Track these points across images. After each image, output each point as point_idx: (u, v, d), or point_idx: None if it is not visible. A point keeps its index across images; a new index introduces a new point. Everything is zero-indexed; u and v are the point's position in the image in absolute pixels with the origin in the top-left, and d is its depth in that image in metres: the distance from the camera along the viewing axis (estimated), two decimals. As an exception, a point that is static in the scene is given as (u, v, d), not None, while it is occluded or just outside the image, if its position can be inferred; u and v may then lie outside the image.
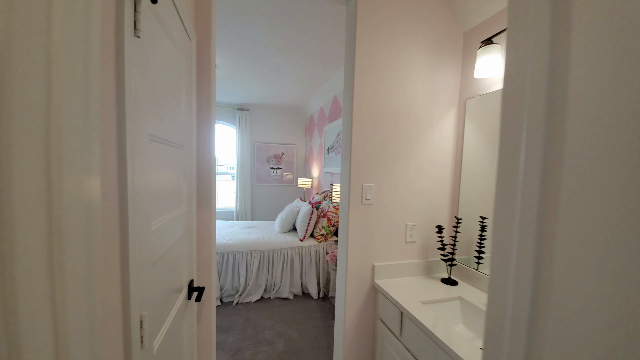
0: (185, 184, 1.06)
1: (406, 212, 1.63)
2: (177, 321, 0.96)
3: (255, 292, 2.89)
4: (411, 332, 1.27)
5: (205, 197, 1.28)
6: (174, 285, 0.94)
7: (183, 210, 1.02)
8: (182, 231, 1.01)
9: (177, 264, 0.98)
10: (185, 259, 1.08)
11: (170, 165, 0.88)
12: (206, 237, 1.29)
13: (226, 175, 5.08)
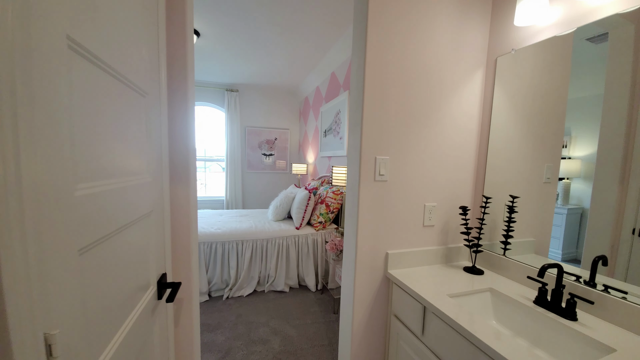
0: (150, 146, 0.78)
1: (424, 191, 1.40)
2: (139, 329, 0.70)
3: (248, 285, 2.65)
4: (438, 331, 1.05)
5: (181, 170, 1.01)
6: (134, 281, 0.68)
7: (146, 181, 0.75)
8: (144, 209, 0.74)
9: (139, 253, 0.71)
10: (153, 247, 0.82)
11: (119, 109, 0.60)
12: (184, 221, 1.02)
13: (215, 161, 4.75)
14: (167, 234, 0.93)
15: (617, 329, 0.91)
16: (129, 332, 0.64)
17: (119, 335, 0.60)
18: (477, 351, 0.88)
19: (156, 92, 0.83)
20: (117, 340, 0.58)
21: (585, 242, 1.07)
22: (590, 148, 1.05)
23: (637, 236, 0.93)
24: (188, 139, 1.01)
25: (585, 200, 1.08)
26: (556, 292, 1.02)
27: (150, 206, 0.78)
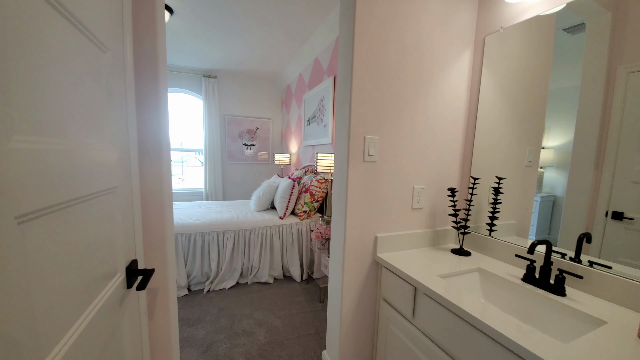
0: (113, 112, 0.68)
1: (413, 173, 1.36)
2: (105, 320, 0.61)
3: (230, 278, 2.55)
4: (429, 312, 1.02)
5: (152, 146, 0.90)
6: (96, 266, 0.58)
7: (107, 151, 0.65)
8: (106, 183, 0.64)
9: (101, 234, 0.61)
10: (120, 229, 0.72)
11: (70, 57, 0.50)
12: (156, 202, 0.92)
13: (193, 151, 4.53)
14: (137, 216, 0.83)
15: (606, 302, 0.93)
16: (92, 323, 0.54)
17: (78, 325, 0.50)
18: (469, 328, 0.86)
19: (119, 51, 0.72)
20: (76, 332, 0.49)
21: (562, 224, 1.09)
22: (564, 138, 1.08)
23: (609, 218, 0.96)
24: (160, 112, 0.90)
25: (557, 188, 1.11)
26: (544, 269, 1.03)
27: (114, 181, 0.68)
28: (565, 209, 1.08)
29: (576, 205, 1.05)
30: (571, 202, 1.06)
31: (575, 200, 1.05)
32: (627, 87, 0.92)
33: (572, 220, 1.06)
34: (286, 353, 1.71)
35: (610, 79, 0.95)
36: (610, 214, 0.96)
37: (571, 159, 1.06)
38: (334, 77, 2.76)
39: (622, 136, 0.93)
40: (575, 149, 1.05)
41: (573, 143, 1.05)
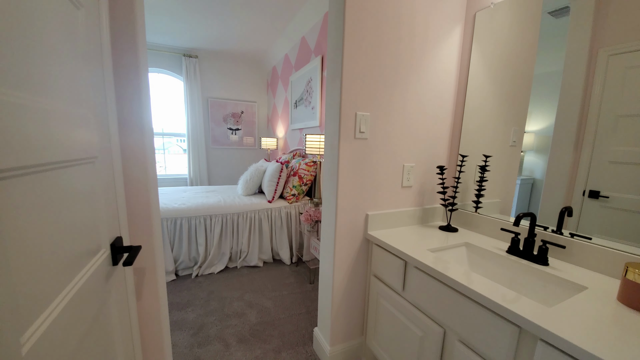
0: (88, 75, 0.62)
1: (404, 151, 1.36)
2: (89, 296, 0.58)
3: (219, 262, 2.52)
4: (419, 284, 1.05)
5: (132, 115, 0.84)
6: (77, 240, 0.55)
7: (84, 114, 0.60)
8: (84, 151, 0.59)
9: (82, 207, 0.57)
10: (103, 204, 0.67)
11: (38, 5, 0.44)
12: (140, 177, 0.87)
13: (175, 136, 4.35)
14: (120, 191, 0.78)
15: (586, 270, 0.98)
16: (76, 298, 0.51)
17: (62, 299, 0.47)
18: (458, 296, 0.88)
19: (94, 9, 0.65)
20: (58, 305, 0.46)
21: (541, 203, 1.14)
22: (545, 122, 1.11)
23: (586, 197, 1.01)
24: (140, 81, 0.84)
25: (536, 171, 1.15)
26: (528, 240, 1.07)
27: (93, 151, 0.63)
28: (545, 189, 1.12)
29: (555, 185, 1.09)
30: (551, 182, 1.10)
31: (555, 180, 1.09)
32: (607, 70, 0.94)
33: (551, 200, 1.11)
34: (278, 332, 1.73)
35: (591, 62, 0.97)
36: (587, 193, 1.00)
37: (552, 141, 1.09)
38: (322, 57, 2.68)
39: (601, 118, 0.96)
40: (556, 132, 1.08)
41: (554, 126, 1.08)
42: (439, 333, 0.98)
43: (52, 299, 0.46)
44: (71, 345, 0.50)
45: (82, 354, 0.54)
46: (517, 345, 0.74)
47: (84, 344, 0.55)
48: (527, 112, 1.17)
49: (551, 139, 1.09)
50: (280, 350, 1.58)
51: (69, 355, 0.48)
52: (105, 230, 0.68)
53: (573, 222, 1.05)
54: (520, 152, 1.22)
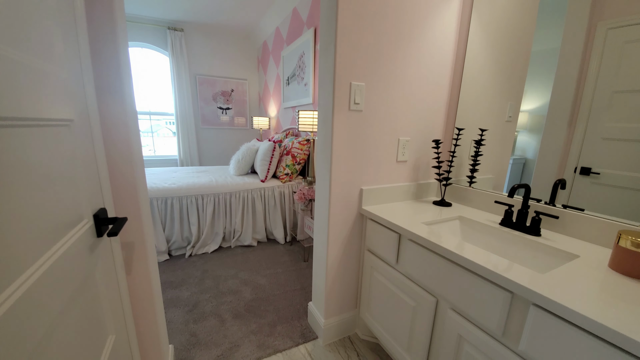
0: (56, 26, 0.55)
1: (399, 124, 1.33)
2: (71, 266, 0.55)
3: (212, 242, 2.51)
4: (412, 256, 1.05)
5: (109, 77, 0.78)
6: (56, 207, 0.51)
7: (56, 75, 0.54)
8: (57, 111, 0.54)
9: (57, 173, 0.53)
10: (82, 172, 0.63)
11: None
12: (123, 149, 0.82)
13: (162, 115, 4.20)
14: (101, 160, 0.73)
15: (578, 241, 0.99)
16: (56, 266, 0.48)
17: (39, 266, 0.44)
18: (451, 265, 0.89)
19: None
20: (35, 272, 0.43)
21: (533, 180, 1.14)
22: (540, 101, 1.09)
23: (578, 174, 1.01)
24: (117, 38, 0.77)
25: (529, 151, 1.15)
26: (522, 212, 1.07)
27: (68, 113, 0.58)
28: (537, 167, 1.12)
29: (548, 163, 1.09)
30: (543, 160, 1.10)
31: (547, 158, 1.09)
32: (605, 45, 0.92)
33: (543, 177, 1.11)
34: (273, 307, 1.76)
35: (590, 36, 0.95)
36: (579, 170, 1.01)
37: (546, 119, 1.08)
38: (314, 30, 2.56)
39: (596, 94, 0.95)
40: (550, 110, 1.07)
41: (549, 103, 1.07)
42: (431, 302, 1.00)
43: (27, 266, 0.42)
44: (52, 312, 0.47)
45: (67, 323, 0.52)
46: (509, 310, 0.75)
47: (68, 313, 0.53)
48: (524, 87, 1.14)
49: (545, 118, 1.09)
50: (276, 324, 1.60)
51: (50, 321, 0.46)
52: (86, 201, 0.64)
53: (564, 199, 1.05)
54: (515, 128, 1.20)
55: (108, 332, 0.72)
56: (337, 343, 1.47)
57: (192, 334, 1.51)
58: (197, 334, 1.51)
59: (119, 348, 0.77)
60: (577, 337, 0.60)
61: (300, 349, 1.43)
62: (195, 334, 1.51)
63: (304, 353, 1.41)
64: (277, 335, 1.52)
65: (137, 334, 0.98)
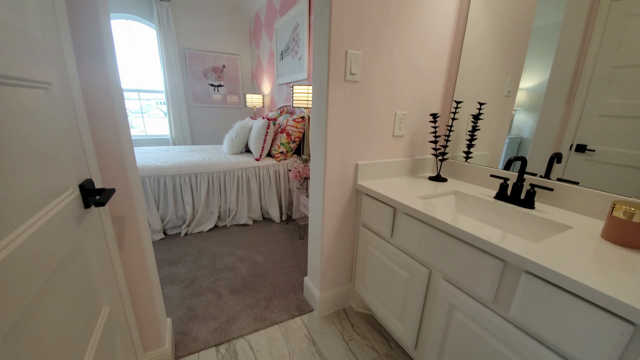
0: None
1: (396, 97, 1.29)
2: (57, 234, 0.53)
3: (208, 221, 2.51)
4: (407, 229, 1.06)
5: (89, 42, 0.72)
6: (36, 174, 0.48)
7: (30, 31, 0.49)
8: (35, 73, 0.50)
9: (38, 138, 0.50)
10: (65, 139, 0.60)
11: None
12: (108, 115, 0.78)
13: (151, 93, 4.05)
14: (85, 129, 0.70)
15: (572, 213, 1.00)
16: (39, 234, 0.46)
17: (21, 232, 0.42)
18: (446, 237, 0.89)
19: None
20: (17, 239, 0.41)
21: (529, 155, 1.13)
22: (539, 79, 1.07)
23: (573, 151, 1.01)
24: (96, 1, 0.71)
25: (525, 130, 1.14)
26: (517, 185, 1.07)
27: (45, 75, 0.54)
28: (533, 145, 1.12)
29: (544, 141, 1.09)
30: (539, 137, 1.10)
31: (544, 136, 1.09)
32: (609, 17, 0.89)
33: (539, 154, 1.11)
34: (269, 282, 1.79)
35: (593, 8, 0.92)
36: (575, 147, 1.00)
37: (544, 96, 1.07)
38: (309, 0, 2.43)
39: (596, 70, 0.93)
40: (549, 86, 1.05)
41: (548, 80, 1.05)
42: (424, 274, 1.02)
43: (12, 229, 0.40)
44: (41, 274, 0.46)
45: (59, 288, 0.51)
46: (501, 278, 0.77)
47: (59, 279, 0.52)
48: (524, 64, 1.11)
49: (543, 96, 1.07)
50: (272, 298, 1.63)
51: (40, 284, 0.45)
52: (70, 170, 0.62)
53: (558, 174, 1.06)
54: (514, 103, 1.18)
55: (102, 303, 0.72)
56: (332, 315, 1.51)
57: (190, 309, 1.54)
58: (194, 308, 1.54)
59: (114, 319, 0.77)
60: (566, 302, 0.62)
61: (296, 321, 1.47)
62: (193, 308, 1.54)
63: (300, 324, 1.44)
64: (273, 308, 1.56)
65: (134, 307, 0.98)
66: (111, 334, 0.74)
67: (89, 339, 0.61)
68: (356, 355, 1.28)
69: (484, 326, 0.82)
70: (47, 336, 0.47)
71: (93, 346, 0.62)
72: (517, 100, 1.16)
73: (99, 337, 0.65)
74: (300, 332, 1.40)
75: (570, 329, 0.61)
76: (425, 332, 1.06)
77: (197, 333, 1.37)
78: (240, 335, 1.37)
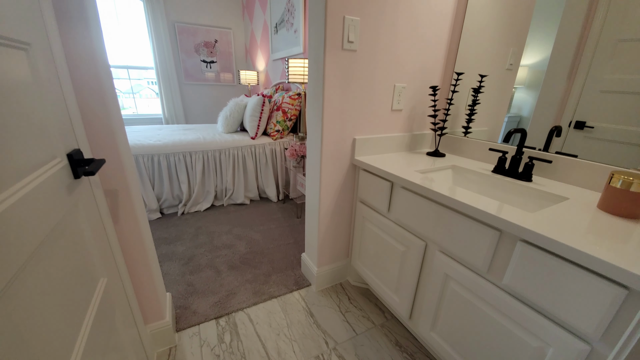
0: None
1: (395, 69, 1.25)
2: (44, 205, 0.51)
3: (204, 200, 2.50)
4: (404, 204, 1.06)
5: (72, 1, 0.67)
6: (17, 138, 0.46)
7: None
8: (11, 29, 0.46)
9: (19, 101, 0.47)
10: (49, 104, 0.57)
11: None
12: (94, 83, 0.74)
13: (140, 70, 3.90)
14: (70, 97, 0.66)
15: (569, 185, 1.00)
16: (26, 198, 0.45)
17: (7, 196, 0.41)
18: (442, 209, 0.89)
19: None
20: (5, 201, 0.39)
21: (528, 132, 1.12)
22: (541, 55, 1.05)
23: (572, 128, 0.99)
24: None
25: (524, 109, 1.12)
26: (515, 158, 1.06)
27: (24, 33, 0.50)
28: (532, 122, 1.10)
29: (543, 118, 1.07)
30: (539, 114, 1.08)
31: (543, 112, 1.07)
32: None
33: (538, 131, 1.09)
34: (267, 259, 1.81)
35: None
36: (574, 124, 0.99)
37: (546, 71, 1.05)
38: (304, -33, 2.29)
39: (600, 43, 0.91)
40: (551, 62, 1.03)
41: (551, 55, 1.02)
42: (420, 246, 1.03)
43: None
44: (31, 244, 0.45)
45: (51, 257, 0.51)
46: (496, 248, 0.77)
47: (51, 248, 0.51)
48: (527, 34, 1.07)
49: (545, 72, 1.05)
50: (270, 274, 1.66)
51: (29, 252, 0.44)
52: (57, 138, 0.59)
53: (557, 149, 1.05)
54: (515, 78, 1.15)
55: (99, 275, 0.71)
56: (329, 289, 1.55)
57: (189, 284, 1.56)
58: (194, 284, 1.56)
59: (112, 291, 0.78)
60: (560, 269, 0.62)
61: (294, 295, 1.50)
62: (192, 284, 1.56)
63: (298, 298, 1.48)
64: (271, 283, 1.58)
65: (132, 281, 0.99)
66: (110, 306, 0.74)
67: (86, 309, 0.61)
68: (352, 325, 1.32)
69: (477, 295, 0.83)
70: (42, 301, 0.46)
71: (91, 316, 0.62)
72: (518, 77, 1.14)
73: (97, 308, 0.65)
74: (298, 305, 1.43)
75: (563, 295, 0.63)
76: (419, 303, 1.09)
77: (197, 307, 1.40)
78: (239, 309, 1.40)
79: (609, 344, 0.57)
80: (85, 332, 0.59)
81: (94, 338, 0.62)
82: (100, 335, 0.66)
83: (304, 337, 1.25)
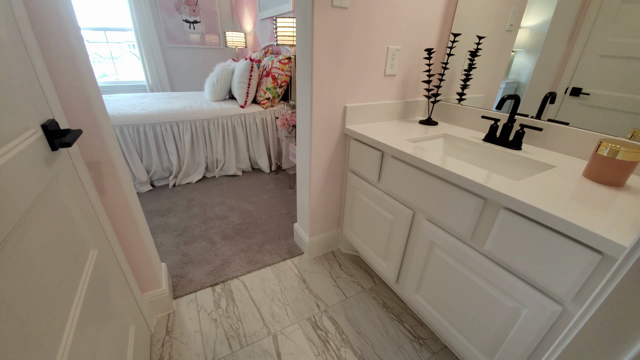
0: None
1: (389, 30, 1.18)
2: (21, 179, 0.49)
3: (195, 172, 2.47)
4: (394, 174, 1.06)
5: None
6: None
7: None
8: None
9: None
10: (18, 74, 0.52)
11: None
12: (64, 51, 0.68)
13: (118, 31, 3.61)
14: (40, 65, 0.61)
15: (558, 154, 1.00)
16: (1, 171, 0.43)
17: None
18: (431, 179, 0.90)
19: None
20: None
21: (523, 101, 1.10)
22: (543, 16, 1.00)
23: (568, 95, 0.97)
24: None
25: (523, 75, 1.09)
26: (507, 126, 1.05)
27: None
28: (529, 88, 1.08)
29: (540, 84, 1.05)
30: (536, 80, 1.06)
31: (541, 78, 1.04)
32: None
33: (533, 97, 1.07)
34: (261, 229, 1.84)
35: None
36: (570, 90, 0.97)
37: (547, 34, 1.00)
38: None
39: (604, 5, 0.86)
40: (552, 24, 0.98)
41: (552, 16, 0.97)
42: (408, 215, 1.05)
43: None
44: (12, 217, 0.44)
45: (35, 232, 0.50)
46: (480, 216, 0.79)
47: (34, 222, 0.50)
48: None
49: (546, 35, 1.00)
50: (264, 244, 1.70)
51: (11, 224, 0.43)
52: (29, 108, 0.55)
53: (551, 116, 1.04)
54: (514, 40, 1.10)
55: (89, 247, 0.72)
56: (321, 257, 1.60)
57: (184, 254, 1.59)
58: (189, 254, 1.59)
59: (104, 263, 0.79)
60: (539, 235, 0.65)
61: (287, 263, 1.55)
62: (187, 254, 1.59)
63: (291, 266, 1.53)
64: (265, 252, 1.63)
65: (125, 252, 1.00)
66: (103, 277, 0.75)
67: (78, 280, 0.62)
68: (343, 290, 1.39)
69: (460, 260, 0.87)
70: (29, 273, 0.46)
71: (83, 286, 0.63)
72: (518, 40, 1.08)
73: (89, 278, 0.66)
74: (291, 272, 1.49)
75: (540, 260, 0.66)
76: (406, 268, 1.14)
77: (193, 276, 1.44)
78: (234, 277, 1.44)
79: (581, 305, 0.62)
80: (80, 301, 0.60)
81: (88, 306, 0.63)
82: (95, 303, 0.67)
83: (296, 301, 1.32)
